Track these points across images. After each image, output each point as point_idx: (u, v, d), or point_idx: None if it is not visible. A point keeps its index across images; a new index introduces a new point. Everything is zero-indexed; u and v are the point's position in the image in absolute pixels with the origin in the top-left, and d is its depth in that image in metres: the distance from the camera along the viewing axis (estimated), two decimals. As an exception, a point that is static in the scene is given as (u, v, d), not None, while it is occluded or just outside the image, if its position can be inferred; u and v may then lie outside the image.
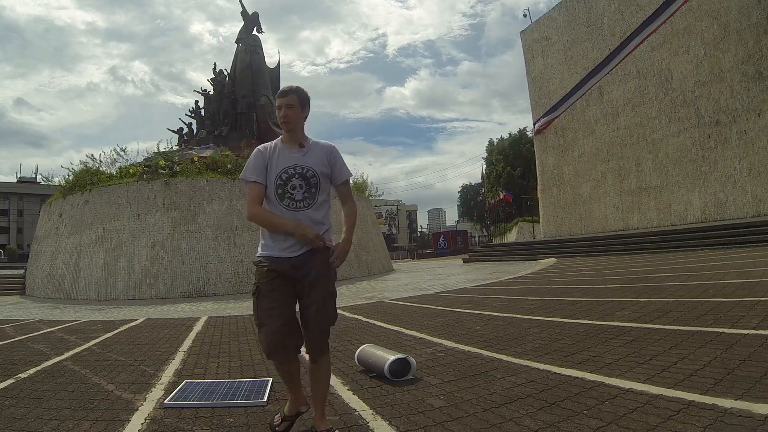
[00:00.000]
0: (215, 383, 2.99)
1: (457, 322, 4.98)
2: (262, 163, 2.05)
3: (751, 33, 16.56)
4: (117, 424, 2.32)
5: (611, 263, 11.70)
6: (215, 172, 14.15)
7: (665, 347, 3.05)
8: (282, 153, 2.07)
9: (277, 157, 2.06)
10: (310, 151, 2.09)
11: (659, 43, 19.60)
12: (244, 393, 2.73)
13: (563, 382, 2.52)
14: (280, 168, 2.03)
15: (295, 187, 2.01)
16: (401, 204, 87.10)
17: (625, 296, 5.69)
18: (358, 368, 3.18)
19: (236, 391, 2.78)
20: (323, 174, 2.07)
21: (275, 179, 2.02)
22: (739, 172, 17.02)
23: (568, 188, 25.07)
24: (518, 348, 3.45)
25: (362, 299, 8.37)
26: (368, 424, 2.14)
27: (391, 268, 19.73)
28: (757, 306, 4.10)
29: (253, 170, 2.04)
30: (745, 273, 6.72)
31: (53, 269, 13.81)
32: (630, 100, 21.28)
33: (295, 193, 2.01)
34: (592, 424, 1.91)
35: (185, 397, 2.68)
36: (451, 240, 41.97)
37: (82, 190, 14.07)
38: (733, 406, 1.95)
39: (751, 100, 16.63)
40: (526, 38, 28.45)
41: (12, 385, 3.21)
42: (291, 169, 2.03)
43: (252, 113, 20.77)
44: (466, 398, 2.40)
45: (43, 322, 7.47)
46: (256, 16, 23.80)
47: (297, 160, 2.04)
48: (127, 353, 4.31)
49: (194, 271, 12.27)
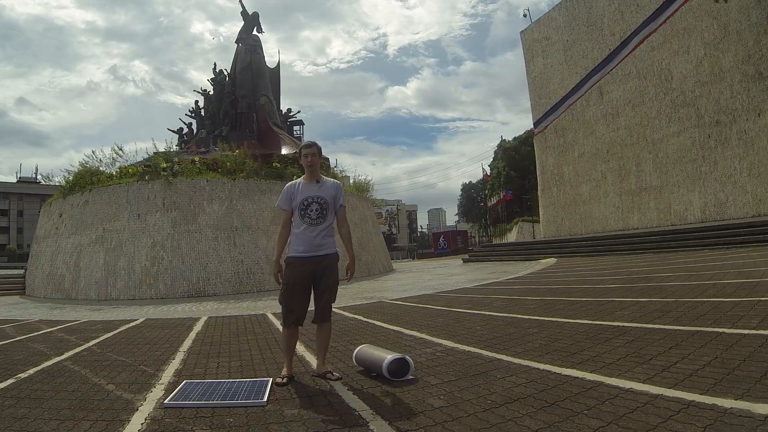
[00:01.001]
0: (215, 383, 2.98)
1: (457, 322, 4.98)
2: (289, 196, 3.03)
3: (751, 33, 16.55)
4: (117, 424, 2.32)
5: (611, 263, 11.70)
6: (215, 172, 14.15)
7: (665, 347, 3.05)
8: (305, 187, 3.03)
9: (300, 190, 3.02)
10: (323, 186, 3.04)
11: (659, 43, 19.60)
12: (244, 393, 2.72)
13: (563, 382, 2.52)
14: (302, 197, 2.99)
15: (312, 210, 2.98)
16: (401, 204, 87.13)
17: (625, 296, 5.69)
18: (357, 368, 3.18)
19: (236, 391, 2.77)
20: (331, 202, 3.04)
21: (299, 204, 2.98)
22: (739, 172, 17.02)
23: (568, 188, 25.07)
24: (518, 348, 3.45)
25: (362, 299, 8.37)
26: (368, 424, 2.14)
27: (391, 268, 19.73)
28: (757, 306, 4.10)
29: (284, 202, 3.05)
30: (745, 273, 6.72)
31: (53, 269, 13.81)
32: (630, 100, 21.28)
33: (311, 213, 2.98)
34: (592, 424, 1.91)
35: (185, 397, 2.68)
36: (451, 240, 41.97)
37: (82, 190, 14.07)
38: (733, 406, 1.95)
39: (751, 100, 16.63)
40: (526, 38, 28.46)
41: (12, 385, 3.21)
42: (310, 198, 2.99)
43: (252, 113, 20.79)
44: (466, 398, 2.40)
45: (43, 322, 7.46)
46: (256, 16, 23.83)
47: (315, 192, 3.00)
48: (127, 353, 4.31)
49: (194, 271, 12.27)
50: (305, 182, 3.04)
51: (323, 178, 3.08)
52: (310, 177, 3.04)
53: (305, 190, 3.00)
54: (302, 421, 2.25)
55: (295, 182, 3.07)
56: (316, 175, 3.03)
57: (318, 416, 2.30)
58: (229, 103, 20.75)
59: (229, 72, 22.34)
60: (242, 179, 13.93)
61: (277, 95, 24.28)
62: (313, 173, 3.03)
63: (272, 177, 14.77)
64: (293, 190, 3.02)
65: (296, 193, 3.00)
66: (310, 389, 2.81)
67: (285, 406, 2.53)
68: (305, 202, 2.96)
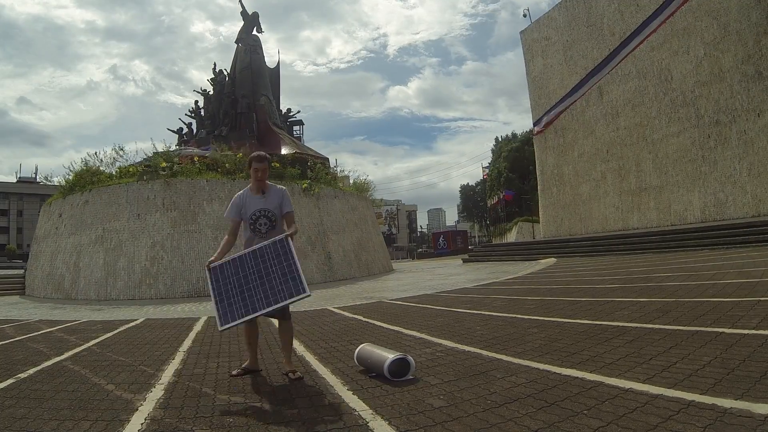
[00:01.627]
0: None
1: (457, 322, 4.98)
2: (239, 208, 3.15)
3: (751, 33, 16.55)
4: (117, 424, 2.32)
5: (611, 263, 11.70)
6: (215, 171, 14.15)
7: (665, 347, 3.05)
8: (251, 199, 3.14)
9: (247, 202, 3.14)
10: (268, 197, 3.14)
11: (659, 43, 19.59)
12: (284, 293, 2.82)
13: (563, 382, 2.52)
14: (251, 210, 3.11)
15: (261, 224, 3.12)
16: (401, 204, 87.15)
17: (625, 296, 5.69)
18: (357, 368, 3.18)
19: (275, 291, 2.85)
20: (278, 212, 3.15)
21: (249, 218, 3.11)
22: (739, 172, 17.02)
23: (568, 188, 25.06)
24: (518, 348, 3.45)
25: (362, 299, 8.37)
26: (368, 424, 2.14)
27: (390, 268, 19.73)
28: (757, 306, 4.10)
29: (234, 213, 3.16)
30: (744, 273, 6.72)
31: (53, 269, 13.81)
32: (630, 100, 21.28)
33: (261, 228, 3.12)
34: (592, 424, 1.91)
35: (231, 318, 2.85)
36: (450, 240, 41.95)
37: (81, 190, 14.06)
38: (732, 406, 1.95)
39: (751, 100, 16.63)
40: (526, 38, 28.45)
41: (12, 385, 3.21)
42: (258, 212, 3.10)
43: (252, 113, 20.78)
44: (466, 398, 2.40)
45: (43, 322, 7.46)
46: (256, 16, 23.81)
47: (261, 204, 3.12)
48: (127, 353, 4.31)
49: (194, 271, 12.26)
50: (251, 193, 3.16)
51: (269, 186, 3.19)
52: (256, 189, 3.15)
53: (252, 202, 3.12)
54: (302, 421, 2.25)
55: (242, 193, 3.19)
56: (263, 186, 3.15)
57: (318, 416, 2.30)
58: (228, 103, 20.75)
59: (229, 72, 22.33)
60: (242, 179, 13.93)
61: (277, 95, 24.28)
62: (260, 186, 3.15)
63: (272, 177, 14.73)
64: (241, 202, 3.15)
65: (244, 205, 3.13)
66: (309, 389, 2.81)
67: (285, 406, 2.53)
68: (253, 216, 3.09)
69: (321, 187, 15.70)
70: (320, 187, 15.67)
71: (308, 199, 15.08)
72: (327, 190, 16.08)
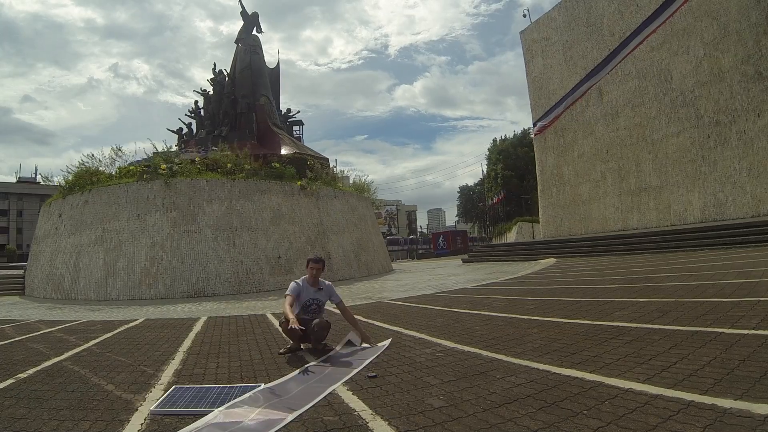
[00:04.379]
0: (205, 389, 2.91)
1: (457, 322, 4.98)
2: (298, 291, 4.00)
3: (751, 33, 16.57)
4: (117, 424, 2.32)
5: (611, 263, 11.70)
6: (215, 172, 14.14)
7: (665, 347, 3.05)
8: (307, 289, 4.06)
9: (305, 290, 4.04)
10: (322, 292, 4.12)
11: (659, 43, 19.61)
12: (234, 399, 2.65)
13: (563, 382, 2.52)
14: (306, 297, 4.04)
15: (311, 308, 4.05)
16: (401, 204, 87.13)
17: (625, 296, 5.69)
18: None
19: (226, 396, 2.70)
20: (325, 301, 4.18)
21: (304, 302, 4.01)
22: (739, 172, 17.02)
23: (568, 188, 25.07)
24: (518, 348, 3.45)
25: (362, 299, 8.37)
26: (368, 424, 2.14)
27: (390, 269, 19.73)
28: (757, 306, 4.10)
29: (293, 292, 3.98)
30: (744, 273, 6.72)
31: (53, 269, 13.80)
32: (630, 101, 21.29)
33: (311, 310, 4.03)
34: (592, 424, 1.91)
35: (173, 404, 2.62)
36: (450, 240, 41.93)
37: (81, 190, 14.05)
38: (732, 406, 1.95)
39: (751, 101, 16.64)
40: (526, 38, 28.46)
41: (12, 385, 3.21)
42: (311, 300, 4.06)
43: (252, 113, 20.76)
44: (465, 398, 2.40)
45: (43, 322, 7.46)
46: (256, 16, 23.80)
47: (314, 295, 4.08)
48: (127, 353, 4.31)
49: (194, 271, 12.26)
50: (308, 284, 4.06)
51: (321, 283, 4.14)
52: (313, 282, 4.08)
53: (308, 291, 4.04)
54: (302, 421, 2.25)
55: (301, 282, 4.06)
56: (317, 283, 4.10)
57: (318, 416, 2.30)
58: (228, 103, 20.73)
59: (229, 72, 22.32)
60: (242, 179, 13.93)
61: (277, 95, 24.27)
62: (316, 281, 4.09)
63: (272, 177, 14.76)
64: (300, 288, 4.01)
65: (302, 291, 4.01)
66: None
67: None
68: (308, 302, 4.03)
69: (319, 186, 15.70)
70: (317, 185, 15.66)
71: (308, 199, 15.08)
72: (327, 191, 16.08)
